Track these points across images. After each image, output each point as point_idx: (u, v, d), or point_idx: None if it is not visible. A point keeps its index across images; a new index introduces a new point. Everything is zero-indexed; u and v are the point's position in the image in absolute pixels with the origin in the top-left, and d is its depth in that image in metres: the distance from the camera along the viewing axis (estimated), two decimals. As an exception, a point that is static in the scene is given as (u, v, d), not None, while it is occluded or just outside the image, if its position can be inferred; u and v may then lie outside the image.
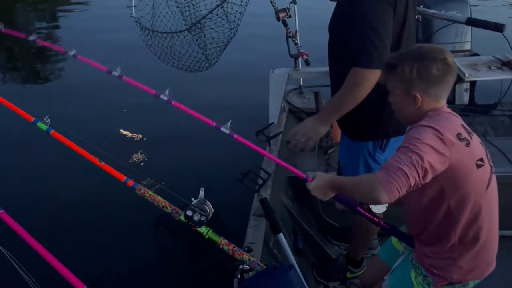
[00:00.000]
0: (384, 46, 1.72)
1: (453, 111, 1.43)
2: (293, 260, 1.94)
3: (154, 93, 2.59)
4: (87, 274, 1.39)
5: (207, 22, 3.85)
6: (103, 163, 1.74)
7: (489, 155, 1.44)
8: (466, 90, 3.82)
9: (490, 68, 3.34)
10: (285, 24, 3.33)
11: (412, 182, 1.24)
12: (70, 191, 3.85)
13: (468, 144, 1.33)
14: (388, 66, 1.43)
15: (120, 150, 4.41)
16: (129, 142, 4.75)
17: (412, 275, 1.52)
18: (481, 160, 1.36)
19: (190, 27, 3.88)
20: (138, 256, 3.20)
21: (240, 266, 1.55)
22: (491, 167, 1.42)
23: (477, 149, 1.37)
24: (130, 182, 1.72)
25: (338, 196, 1.59)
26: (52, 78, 7.24)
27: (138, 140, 4.72)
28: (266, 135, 2.65)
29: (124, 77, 2.68)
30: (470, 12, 3.78)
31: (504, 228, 2.63)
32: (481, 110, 3.63)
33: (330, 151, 3.25)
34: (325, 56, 2.15)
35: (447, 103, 3.65)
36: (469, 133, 1.37)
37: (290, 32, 3.33)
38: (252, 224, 2.17)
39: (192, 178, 3.76)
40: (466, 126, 1.40)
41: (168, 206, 1.67)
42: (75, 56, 2.76)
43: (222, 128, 2.32)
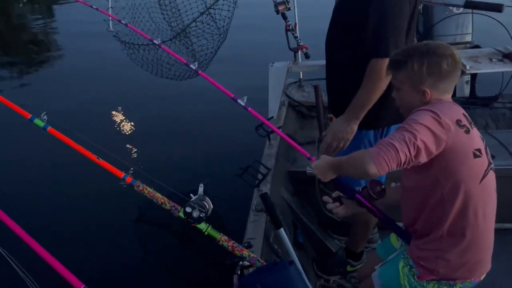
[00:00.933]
0: (402, 35, 1.76)
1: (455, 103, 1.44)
2: (293, 254, 1.93)
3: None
4: (85, 272, 1.38)
5: (194, 29, 3.84)
6: (101, 160, 1.73)
7: (489, 151, 1.43)
8: (467, 82, 3.80)
9: (491, 60, 3.31)
10: (284, 17, 3.30)
11: (403, 158, 1.26)
12: (68, 188, 3.84)
13: (467, 132, 1.33)
14: (396, 62, 1.43)
15: (118, 147, 4.41)
16: (127, 139, 4.75)
17: (400, 265, 1.54)
18: (479, 150, 1.35)
19: (175, 37, 3.88)
20: (137, 253, 3.20)
21: (240, 262, 1.55)
22: (490, 162, 1.40)
23: (476, 139, 1.37)
24: (129, 179, 1.71)
25: (338, 180, 1.62)
26: (48, 74, 7.21)
27: (136, 137, 4.71)
28: (266, 129, 2.63)
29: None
30: None
31: (505, 221, 2.64)
32: (482, 102, 3.61)
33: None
34: (324, 49, 2.13)
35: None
36: (470, 123, 1.37)
37: (289, 25, 3.31)
38: (252, 219, 2.17)
39: (191, 174, 3.76)
40: (468, 116, 1.40)
41: (167, 203, 1.66)
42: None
43: (239, 100, 2.38)
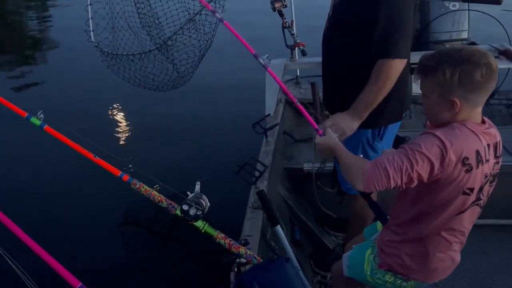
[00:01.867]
0: (409, 33, 1.77)
1: (484, 130, 1.33)
2: (290, 251, 1.94)
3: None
4: (82, 270, 1.39)
5: (178, 38, 3.80)
6: (98, 158, 1.73)
7: (487, 187, 1.38)
8: (463, 79, 3.81)
9: (487, 57, 3.31)
10: (280, 14, 3.29)
11: (393, 185, 1.30)
12: (64, 186, 3.84)
13: (469, 171, 1.28)
14: (426, 69, 1.33)
15: (115, 145, 4.41)
16: (123, 137, 4.74)
17: (367, 252, 1.59)
18: (471, 190, 1.33)
19: (160, 46, 3.80)
20: (134, 251, 3.20)
21: (237, 260, 1.56)
22: (478, 199, 1.37)
23: (476, 178, 1.31)
24: (126, 177, 1.71)
25: (336, 162, 1.69)
26: (44, 73, 7.17)
27: (132, 135, 4.71)
28: (263, 126, 2.64)
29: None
30: None
31: (500, 218, 2.66)
32: (478, 99, 3.62)
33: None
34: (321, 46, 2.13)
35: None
36: (479, 161, 1.29)
37: (286, 22, 3.30)
38: (249, 216, 2.17)
39: (188, 172, 3.76)
40: (486, 150, 1.31)
41: (163, 201, 1.66)
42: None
43: (259, 59, 2.26)
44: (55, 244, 1.60)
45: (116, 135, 4.75)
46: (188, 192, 1.59)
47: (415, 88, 2.16)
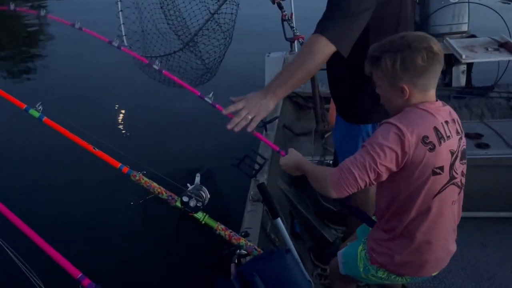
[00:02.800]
0: (352, 28, 1.60)
1: (437, 107, 1.36)
2: (290, 244, 1.94)
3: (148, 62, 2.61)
4: (82, 261, 1.38)
5: (201, 37, 3.87)
6: (97, 149, 1.72)
7: (458, 162, 1.38)
8: (463, 72, 3.81)
9: (487, 49, 3.31)
10: (280, 6, 3.28)
11: (362, 184, 1.31)
12: (63, 178, 3.84)
13: (432, 149, 1.29)
14: (372, 59, 1.37)
15: (114, 137, 4.39)
16: (123, 129, 4.73)
17: (359, 248, 1.59)
18: (440, 168, 1.32)
19: (184, 46, 3.90)
20: (134, 243, 3.20)
21: (237, 251, 1.55)
22: (453, 177, 1.37)
23: (441, 156, 1.32)
24: (125, 169, 1.70)
25: (306, 203, 1.68)
26: (43, 65, 7.15)
27: (132, 127, 4.70)
28: (262, 120, 2.63)
29: (122, 47, 2.64)
30: None
31: (499, 210, 2.66)
32: (478, 92, 3.62)
33: (326, 135, 3.24)
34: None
35: (444, 86, 3.64)
36: (440, 137, 1.31)
37: (285, 15, 3.29)
38: (249, 209, 2.17)
39: (188, 164, 3.75)
40: (445, 126, 1.34)
41: (163, 192, 1.66)
42: (80, 28, 2.68)
43: (206, 98, 2.21)
44: (54, 235, 1.60)
45: (115, 128, 4.74)
46: (188, 184, 1.58)
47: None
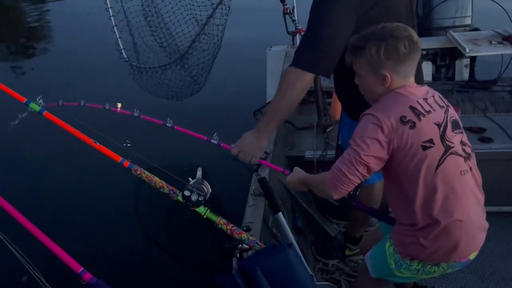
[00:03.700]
0: (327, 52, 1.63)
1: (412, 88, 1.41)
2: (292, 238, 1.94)
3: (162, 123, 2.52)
4: (84, 255, 1.38)
5: (191, 50, 3.86)
6: (98, 144, 1.71)
7: (450, 133, 1.38)
8: (466, 65, 3.78)
9: (491, 43, 3.29)
10: (282, 0, 3.26)
11: (356, 180, 1.37)
12: (64, 172, 3.85)
13: (413, 127, 1.32)
14: (354, 48, 1.42)
15: (115, 132, 4.38)
16: (124, 123, 4.71)
17: (386, 245, 1.56)
18: (430, 141, 1.34)
19: (180, 59, 3.92)
20: (135, 236, 3.21)
21: (239, 245, 1.55)
22: (449, 147, 1.36)
23: (426, 130, 1.34)
24: (126, 163, 1.69)
25: (310, 196, 1.70)
26: (43, 60, 7.15)
27: (132, 122, 4.68)
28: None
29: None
30: None
31: (503, 204, 2.65)
32: (481, 86, 3.60)
33: (328, 130, 3.22)
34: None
35: (447, 80, 3.63)
36: (418, 114, 1.34)
37: (287, 9, 3.27)
38: (250, 203, 2.17)
39: (189, 158, 3.75)
40: (422, 103, 1.37)
41: (165, 187, 1.65)
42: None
43: (212, 140, 2.21)
44: (55, 229, 1.60)
45: (116, 122, 4.72)
46: (189, 178, 1.58)
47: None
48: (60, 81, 5.80)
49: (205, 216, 1.60)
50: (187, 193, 1.54)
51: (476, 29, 3.71)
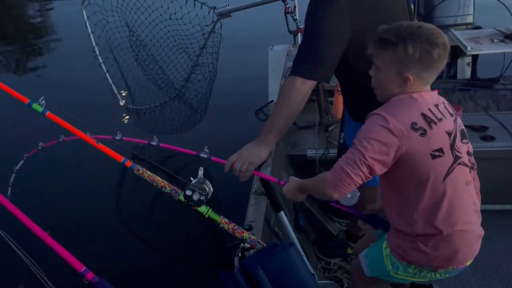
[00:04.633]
0: (324, 59, 1.63)
1: (424, 93, 1.36)
2: (294, 237, 1.94)
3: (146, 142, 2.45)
4: (86, 255, 1.39)
5: (187, 83, 3.91)
6: (100, 144, 1.72)
7: (459, 144, 1.36)
8: (468, 64, 3.77)
9: (493, 41, 3.27)
10: (283, -1, 3.26)
11: (358, 180, 1.31)
12: (66, 172, 3.85)
13: (423, 134, 1.29)
14: (385, 41, 1.32)
15: (117, 132, 4.39)
16: (126, 123, 4.73)
17: (383, 245, 1.54)
18: (439, 150, 1.31)
19: (176, 96, 3.99)
20: (137, 236, 3.22)
21: (241, 245, 1.55)
22: (457, 157, 1.34)
23: (437, 139, 1.31)
24: (128, 163, 1.70)
25: (310, 196, 1.63)
26: (46, 61, 7.17)
27: (135, 122, 4.70)
28: (266, 113, 2.62)
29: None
30: None
31: (505, 203, 2.65)
32: (483, 84, 3.59)
33: (330, 128, 3.22)
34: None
35: (449, 78, 3.62)
36: (429, 121, 1.30)
37: (288, 8, 3.27)
38: (252, 202, 2.17)
39: (190, 158, 3.75)
40: (434, 110, 1.33)
41: (167, 186, 1.66)
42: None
43: (201, 154, 2.22)
44: (57, 229, 1.60)
45: (118, 122, 4.74)
46: (191, 178, 1.58)
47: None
48: (63, 81, 5.81)
49: (206, 216, 1.60)
50: (188, 192, 1.54)
51: (478, 27, 3.70)
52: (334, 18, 1.61)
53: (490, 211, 2.62)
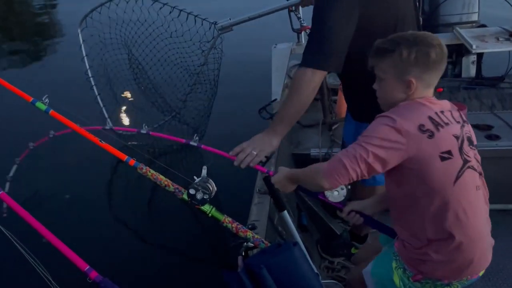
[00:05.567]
0: (333, 48, 1.66)
1: (431, 100, 1.37)
2: (297, 236, 1.93)
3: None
4: (89, 254, 1.39)
5: (188, 101, 3.86)
6: (103, 142, 1.72)
7: (468, 146, 1.35)
8: (473, 62, 3.75)
9: (498, 39, 3.25)
10: (287, -3, 3.25)
11: (353, 175, 1.29)
12: (69, 171, 3.85)
13: (431, 136, 1.28)
14: (381, 51, 1.38)
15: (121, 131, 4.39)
16: (129, 123, 4.74)
17: (393, 265, 1.49)
18: (448, 153, 1.29)
19: (177, 113, 3.95)
20: (140, 235, 3.22)
21: (244, 244, 1.55)
22: (466, 161, 1.32)
23: (445, 141, 1.30)
24: (132, 161, 1.70)
25: (300, 188, 1.63)
26: (50, 59, 7.18)
27: (138, 121, 4.70)
28: (269, 112, 2.61)
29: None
30: None
31: (509, 202, 2.63)
32: (488, 83, 3.56)
33: (334, 127, 3.22)
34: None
35: (454, 77, 3.60)
36: (436, 124, 1.30)
37: (292, 6, 3.26)
38: (256, 201, 2.17)
39: (194, 156, 3.75)
40: (440, 115, 1.33)
41: (170, 185, 1.65)
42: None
43: (191, 142, 2.23)
44: (61, 228, 1.60)
45: (121, 122, 4.74)
46: (194, 177, 1.58)
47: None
48: (67, 80, 5.81)
49: (210, 215, 1.60)
50: (192, 191, 1.54)
51: (483, 25, 3.67)
52: (343, 7, 1.63)
53: (495, 211, 2.60)
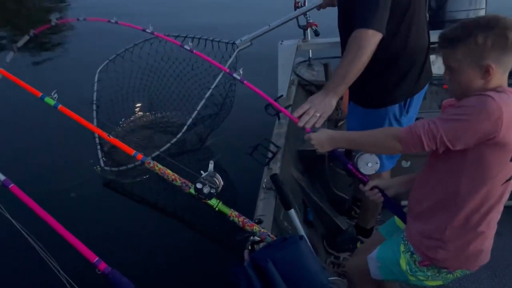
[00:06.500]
0: (386, 9, 1.71)
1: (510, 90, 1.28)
2: (303, 232, 1.94)
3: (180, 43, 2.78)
4: (99, 246, 1.41)
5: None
6: (111, 137, 1.73)
7: None
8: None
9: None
10: (293, -6, 3.25)
11: (428, 150, 1.29)
12: (79, 165, 3.87)
13: None
14: (451, 40, 1.29)
15: (130, 126, 4.41)
16: (136, 118, 4.74)
17: (401, 248, 1.50)
18: None
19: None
20: (148, 229, 3.23)
21: (251, 238, 1.55)
22: None
23: None
24: (139, 156, 1.72)
25: (334, 151, 1.66)
26: (59, 55, 7.21)
27: (146, 114, 4.71)
28: (275, 108, 2.61)
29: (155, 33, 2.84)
30: None
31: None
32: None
33: (340, 124, 3.22)
34: (334, 27, 2.10)
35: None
36: None
37: (298, 2, 3.26)
38: (262, 196, 2.18)
39: (201, 151, 3.76)
40: None
41: (178, 179, 1.67)
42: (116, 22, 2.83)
43: (234, 74, 2.34)
44: (71, 221, 1.61)
45: (129, 115, 4.76)
46: (201, 171, 1.59)
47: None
48: (76, 76, 5.84)
49: (217, 209, 1.61)
50: (199, 185, 1.55)
51: (490, 21, 3.65)
52: None
53: (504, 207, 2.59)
